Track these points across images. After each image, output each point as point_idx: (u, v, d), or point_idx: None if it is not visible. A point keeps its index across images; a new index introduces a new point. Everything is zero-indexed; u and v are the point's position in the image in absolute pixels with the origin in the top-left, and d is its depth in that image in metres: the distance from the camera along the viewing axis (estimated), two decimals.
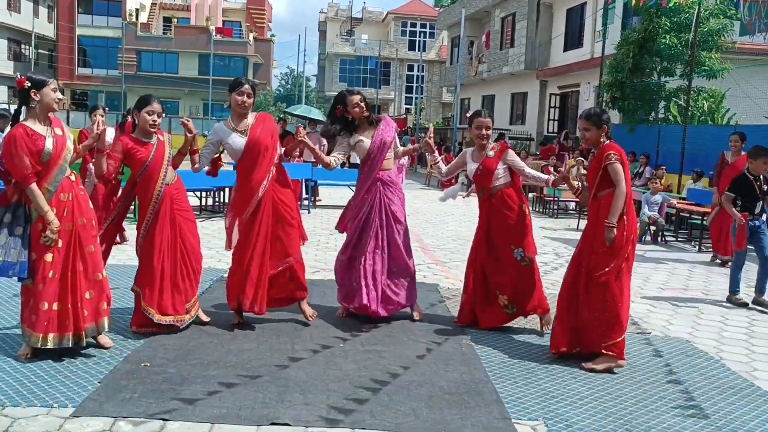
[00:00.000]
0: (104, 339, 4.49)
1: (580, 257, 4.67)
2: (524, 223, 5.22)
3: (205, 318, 5.11)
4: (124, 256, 7.31)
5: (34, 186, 4.03)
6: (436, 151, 5.68)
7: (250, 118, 5.11)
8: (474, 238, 5.45)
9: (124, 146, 4.71)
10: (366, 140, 5.43)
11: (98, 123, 4.41)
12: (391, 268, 5.37)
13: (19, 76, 4.15)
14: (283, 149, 5.32)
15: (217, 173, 5.28)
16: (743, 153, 9.03)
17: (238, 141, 5.01)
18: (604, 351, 4.48)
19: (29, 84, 4.08)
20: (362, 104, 5.38)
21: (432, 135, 5.60)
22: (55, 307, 4.13)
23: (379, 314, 5.26)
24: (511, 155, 5.31)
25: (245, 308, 5.04)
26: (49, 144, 4.08)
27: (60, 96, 4.22)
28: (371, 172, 5.42)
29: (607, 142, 4.68)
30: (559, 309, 4.74)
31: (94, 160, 6.96)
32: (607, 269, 4.45)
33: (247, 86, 5.03)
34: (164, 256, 4.77)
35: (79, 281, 4.21)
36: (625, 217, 4.50)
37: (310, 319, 5.28)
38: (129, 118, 18.08)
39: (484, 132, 5.28)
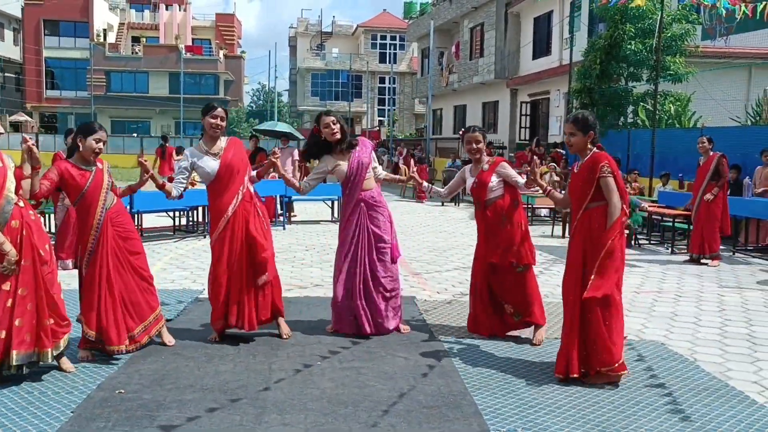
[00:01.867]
0: (66, 363, 4.47)
1: (577, 271, 4.47)
2: (518, 232, 5.28)
3: (169, 341, 5.07)
4: None
5: None
6: (424, 182, 5.79)
7: (222, 141, 5.22)
8: (475, 250, 5.52)
9: (60, 171, 4.60)
10: (343, 164, 5.45)
11: (27, 147, 4.27)
12: (377, 289, 5.40)
13: None
14: (255, 172, 5.40)
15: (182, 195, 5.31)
16: (713, 153, 9.21)
17: (212, 164, 5.11)
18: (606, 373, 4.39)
19: None
20: (334, 126, 5.38)
21: (416, 177, 5.71)
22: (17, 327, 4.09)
23: (367, 333, 5.39)
24: (505, 167, 5.36)
25: (231, 324, 5.09)
26: None
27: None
28: (353, 195, 5.47)
29: (595, 150, 4.52)
30: (567, 329, 4.52)
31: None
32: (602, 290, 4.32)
33: (220, 110, 5.17)
34: (108, 285, 4.70)
35: (40, 305, 4.18)
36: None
37: (285, 336, 5.31)
38: (168, 145, 18.43)
39: (474, 146, 5.35)
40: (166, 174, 16.25)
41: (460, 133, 5.60)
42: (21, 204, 4.20)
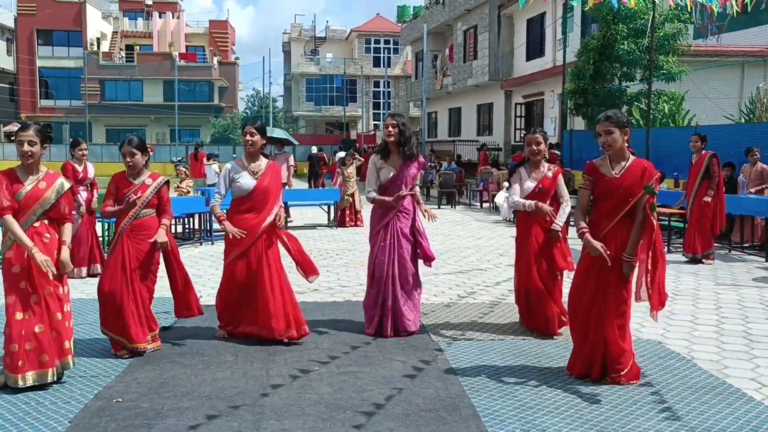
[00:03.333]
0: None
1: (599, 275, 4.45)
2: (558, 239, 5.55)
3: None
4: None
5: (9, 217, 4.16)
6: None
7: (263, 163, 5.44)
8: (522, 250, 5.67)
9: (114, 182, 5.05)
10: (390, 170, 5.58)
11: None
12: (404, 289, 5.56)
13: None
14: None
15: None
16: (704, 152, 9.24)
17: (249, 182, 5.33)
18: (621, 380, 4.42)
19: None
20: (392, 129, 5.49)
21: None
22: (27, 347, 4.14)
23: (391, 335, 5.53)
24: (561, 180, 5.69)
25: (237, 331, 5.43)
26: (23, 192, 4.22)
27: (25, 149, 4.23)
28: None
29: (635, 157, 4.51)
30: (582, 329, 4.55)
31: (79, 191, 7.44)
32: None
33: (248, 126, 5.44)
34: (131, 286, 4.94)
35: (48, 319, 4.25)
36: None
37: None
38: (201, 151, 19.83)
39: (534, 148, 5.58)
40: (198, 177, 18.11)
41: (522, 136, 5.88)
42: (37, 224, 4.28)
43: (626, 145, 4.48)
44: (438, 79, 33.73)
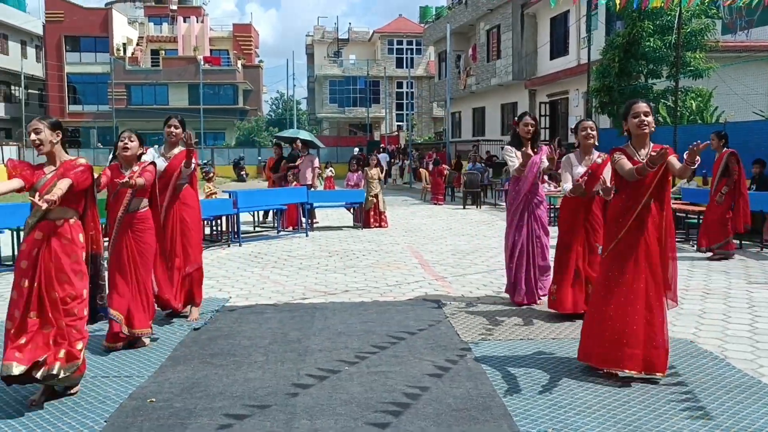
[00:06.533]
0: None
1: (642, 265, 4.51)
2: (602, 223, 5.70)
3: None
4: None
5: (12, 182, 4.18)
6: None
7: (177, 149, 6.11)
8: (567, 232, 6.01)
9: (104, 172, 5.23)
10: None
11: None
12: (538, 263, 6.48)
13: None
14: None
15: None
16: (724, 150, 9.24)
17: (161, 164, 5.89)
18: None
19: None
20: (531, 128, 6.51)
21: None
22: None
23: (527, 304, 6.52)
24: (610, 167, 5.56)
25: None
26: (41, 180, 4.19)
27: (32, 138, 4.18)
28: (522, 188, 6.48)
29: (652, 143, 4.73)
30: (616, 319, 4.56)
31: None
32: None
33: (174, 120, 6.14)
34: (122, 273, 5.20)
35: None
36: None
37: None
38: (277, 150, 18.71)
39: (589, 132, 5.98)
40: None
41: (572, 129, 6.22)
42: (60, 223, 4.18)
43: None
44: (461, 79, 33.66)
